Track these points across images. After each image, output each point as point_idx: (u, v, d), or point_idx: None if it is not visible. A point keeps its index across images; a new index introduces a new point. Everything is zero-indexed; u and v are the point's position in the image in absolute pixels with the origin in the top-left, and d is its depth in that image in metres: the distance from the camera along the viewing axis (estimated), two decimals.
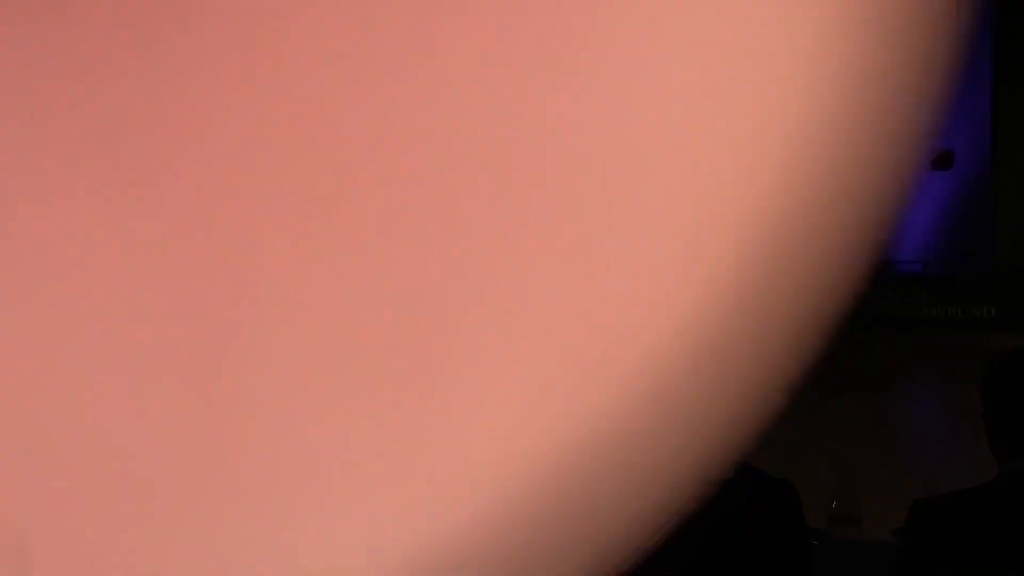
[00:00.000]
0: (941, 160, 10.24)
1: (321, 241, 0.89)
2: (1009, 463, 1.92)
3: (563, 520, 0.86)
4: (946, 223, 10.47)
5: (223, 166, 0.90)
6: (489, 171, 0.88)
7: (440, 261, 0.89)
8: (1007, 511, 1.85)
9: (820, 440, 5.78)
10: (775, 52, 0.85)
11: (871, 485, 4.87)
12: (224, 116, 0.90)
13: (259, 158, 0.91)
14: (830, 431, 5.96)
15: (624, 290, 0.87)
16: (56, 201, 0.90)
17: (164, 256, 0.90)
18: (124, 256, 0.90)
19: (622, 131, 0.87)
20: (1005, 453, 1.94)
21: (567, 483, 0.86)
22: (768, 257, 0.85)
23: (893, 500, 4.66)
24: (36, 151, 0.91)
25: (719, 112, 0.86)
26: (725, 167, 0.86)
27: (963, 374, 7.21)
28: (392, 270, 0.89)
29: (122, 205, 0.90)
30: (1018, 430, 1.91)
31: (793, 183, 0.85)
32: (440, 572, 0.84)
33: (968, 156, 10.40)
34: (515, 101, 0.88)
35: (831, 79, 0.85)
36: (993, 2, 9.48)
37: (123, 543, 0.89)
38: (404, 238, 0.89)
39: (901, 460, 5.42)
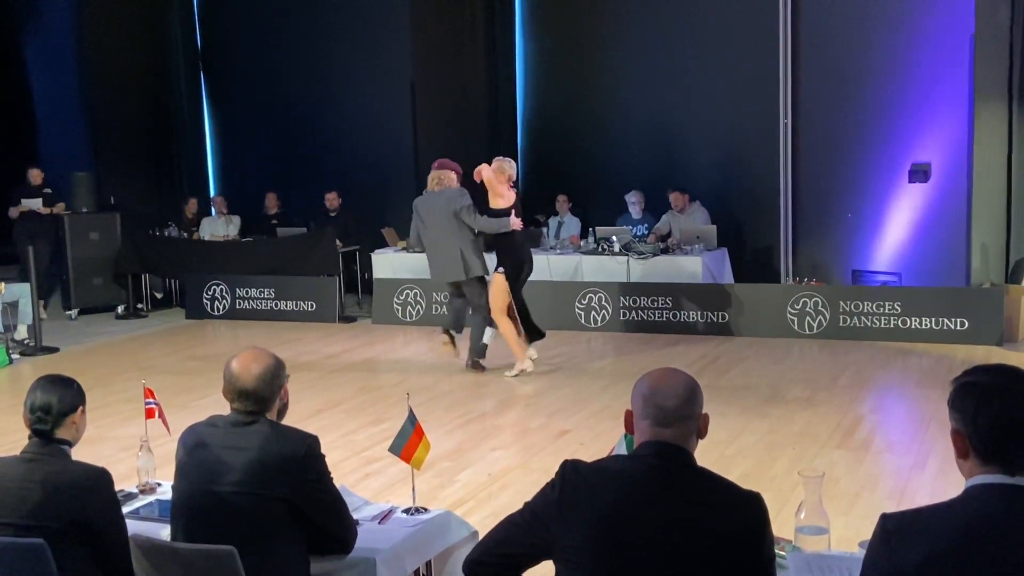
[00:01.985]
0: (917, 173, 10.37)
1: None
2: (977, 478, 1.92)
3: None
4: (922, 235, 10.60)
5: None
6: None
7: None
8: (973, 526, 1.84)
9: (788, 450, 5.82)
10: None
11: (839, 496, 4.90)
12: None
13: None
14: (798, 440, 6.00)
15: None
16: None
17: None
18: None
19: None
20: (973, 469, 1.94)
21: None
22: None
23: (860, 512, 4.70)
24: None
25: None
26: None
27: (934, 386, 7.29)
28: None
29: None
30: (987, 446, 1.91)
31: None
32: None
33: (945, 169, 10.54)
34: None
35: None
36: (974, 19, 9.57)
37: None
38: None
39: (870, 471, 5.45)
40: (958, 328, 8.66)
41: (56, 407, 2.92)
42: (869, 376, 7.73)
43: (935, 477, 5.27)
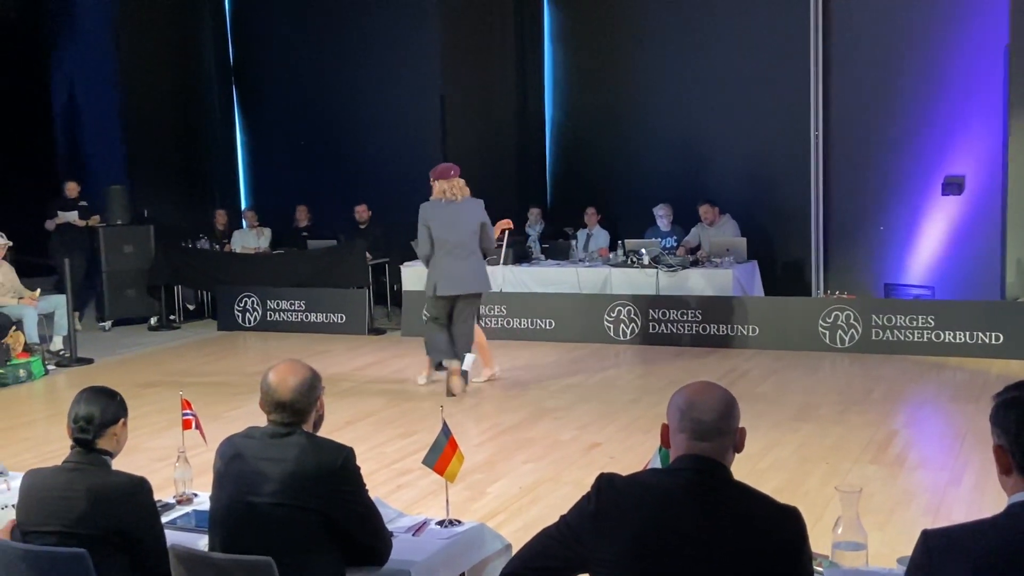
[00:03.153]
0: (950, 186, 10.28)
1: None
2: (1021, 494, 1.90)
3: None
4: (955, 249, 10.50)
5: None
6: None
7: None
8: (1017, 543, 1.82)
9: (825, 464, 5.78)
10: None
11: (874, 511, 4.86)
12: None
13: None
14: (831, 455, 5.95)
15: None
16: None
17: None
18: None
19: None
20: (1017, 485, 1.92)
21: None
22: None
23: (896, 527, 4.66)
24: None
25: None
26: None
27: (969, 400, 7.21)
28: None
29: None
30: None
31: None
32: None
33: (979, 182, 10.44)
34: None
35: None
36: (1008, 29, 9.49)
37: None
38: None
39: (905, 486, 5.40)
40: (992, 342, 8.56)
41: (98, 418, 2.97)
42: (902, 390, 7.66)
43: (971, 492, 5.21)
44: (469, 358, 7.61)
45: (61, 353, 9.56)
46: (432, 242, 7.39)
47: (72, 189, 11.50)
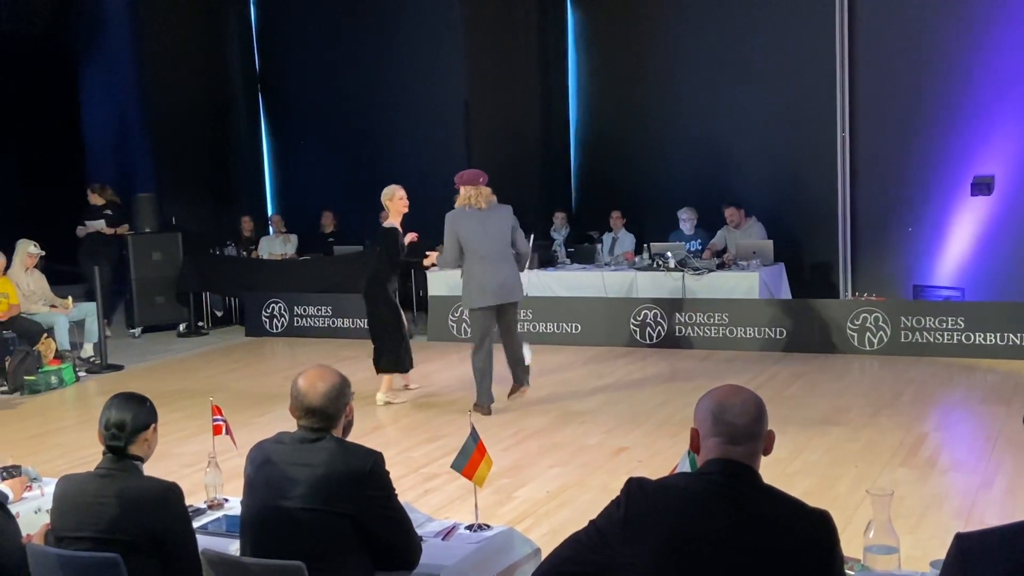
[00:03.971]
0: (979, 186, 10.18)
1: None
2: None
3: None
4: (985, 250, 10.40)
5: None
6: None
7: None
8: None
9: (854, 467, 5.73)
10: None
11: (905, 515, 4.82)
12: None
13: None
14: (861, 458, 5.90)
15: None
16: None
17: None
18: None
19: None
20: None
21: None
22: None
23: (927, 531, 4.61)
24: None
25: None
26: None
27: (1000, 402, 7.13)
28: None
29: None
30: None
31: None
32: None
33: (1009, 182, 10.33)
34: None
35: None
36: None
37: None
38: None
39: (936, 489, 5.35)
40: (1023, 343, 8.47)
41: (130, 424, 3.00)
42: (932, 393, 7.59)
43: (1004, 496, 5.15)
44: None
45: (92, 360, 9.66)
46: (461, 252, 7.19)
47: (96, 198, 11.61)
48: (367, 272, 8.11)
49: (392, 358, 7.73)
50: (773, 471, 5.14)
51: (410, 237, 7.89)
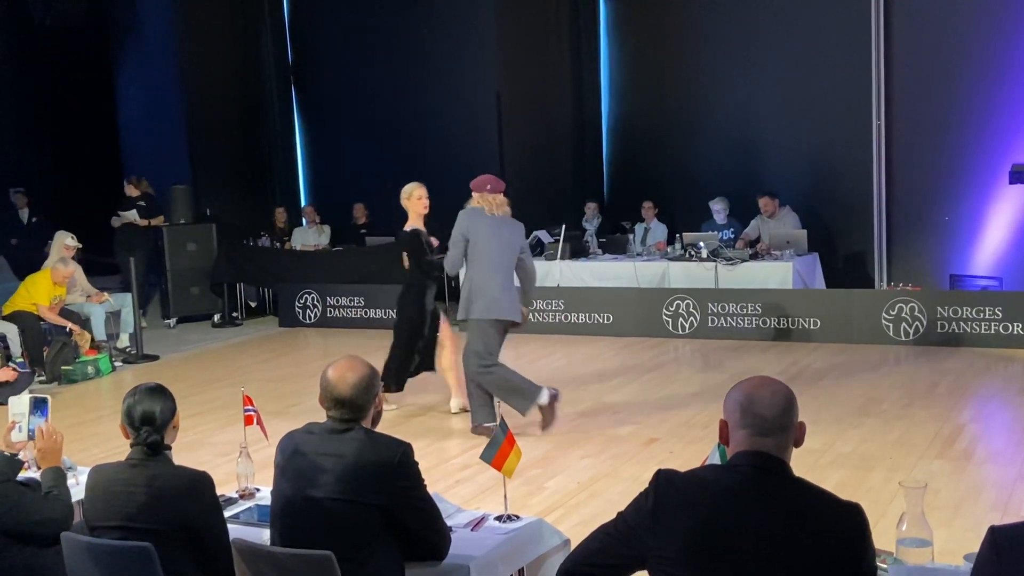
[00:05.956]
0: (1018, 174, 10.01)
1: None
2: None
3: None
4: (1022, 238, 10.24)
5: None
6: None
7: None
8: None
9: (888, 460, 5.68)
10: None
11: (939, 507, 4.76)
12: None
13: None
14: (895, 450, 5.84)
15: None
16: None
17: None
18: None
19: None
20: None
21: None
22: None
23: (962, 524, 4.56)
24: None
25: None
26: None
27: None
28: None
29: None
30: None
31: None
32: None
33: None
34: None
35: None
36: None
37: None
38: None
39: (972, 481, 5.28)
40: None
41: (159, 417, 3.03)
42: (969, 384, 7.49)
43: None
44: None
45: (127, 350, 9.77)
46: (466, 257, 6.58)
47: (132, 189, 11.72)
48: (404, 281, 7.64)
49: (387, 373, 6.98)
50: (806, 463, 5.11)
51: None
